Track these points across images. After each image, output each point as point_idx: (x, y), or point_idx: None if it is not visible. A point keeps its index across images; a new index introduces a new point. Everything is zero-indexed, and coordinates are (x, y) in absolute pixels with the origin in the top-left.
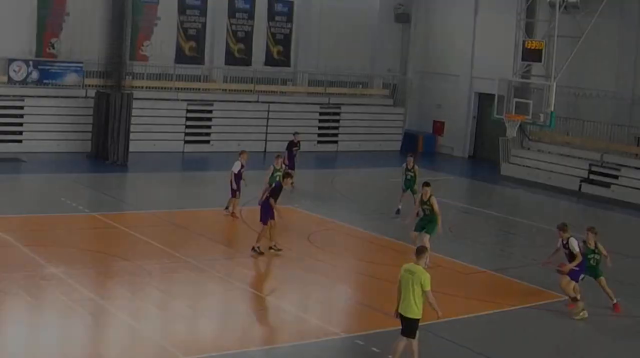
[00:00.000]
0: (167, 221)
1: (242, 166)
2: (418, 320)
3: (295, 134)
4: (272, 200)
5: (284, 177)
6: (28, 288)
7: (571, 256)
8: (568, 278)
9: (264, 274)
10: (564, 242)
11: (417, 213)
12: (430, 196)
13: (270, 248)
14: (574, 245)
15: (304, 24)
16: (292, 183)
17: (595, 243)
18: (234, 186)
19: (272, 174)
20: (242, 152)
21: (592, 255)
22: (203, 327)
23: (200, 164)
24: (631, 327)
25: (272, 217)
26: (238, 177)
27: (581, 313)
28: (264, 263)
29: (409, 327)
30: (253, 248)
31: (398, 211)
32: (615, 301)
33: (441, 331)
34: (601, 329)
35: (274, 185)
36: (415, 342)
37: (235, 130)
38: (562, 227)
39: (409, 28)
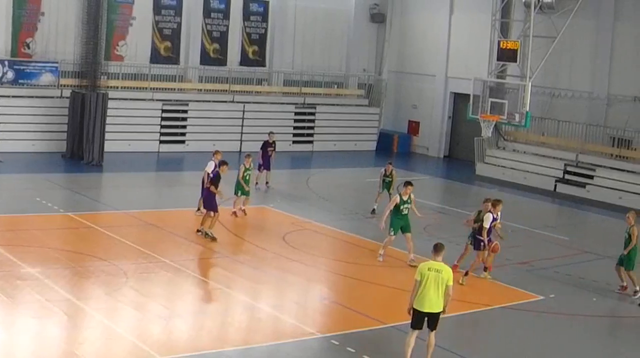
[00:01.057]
0: (142, 221)
1: (216, 165)
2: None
3: (270, 133)
4: (212, 188)
5: (220, 165)
6: (4, 288)
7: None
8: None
9: (240, 274)
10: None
11: (391, 212)
12: (410, 195)
13: (199, 231)
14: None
15: (279, 24)
16: (267, 182)
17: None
18: (209, 186)
19: (243, 173)
20: (216, 152)
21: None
22: (179, 327)
23: (176, 164)
24: (606, 325)
25: (216, 209)
26: (213, 176)
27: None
28: (239, 263)
29: (436, 320)
30: (199, 231)
31: (373, 211)
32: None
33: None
34: (576, 328)
35: (212, 175)
36: (434, 333)
37: (211, 130)
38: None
39: (384, 28)
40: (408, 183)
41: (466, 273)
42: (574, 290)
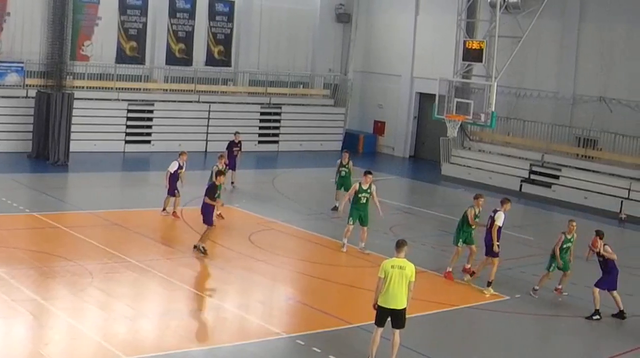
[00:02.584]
0: (108, 221)
1: (180, 166)
2: (406, 309)
3: (236, 133)
4: (206, 199)
5: (217, 175)
6: None
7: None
8: None
9: (205, 274)
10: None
11: (350, 199)
12: (371, 184)
13: (196, 247)
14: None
15: (245, 24)
16: (232, 182)
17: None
18: (167, 184)
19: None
20: (182, 153)
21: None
22: (144, 327)
23: (141, 164)
24: (571, 325)
25: (211, 223)
26: (174, 176)
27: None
28: (205, 263)
29: (402, 317)
30: (196, 247)
31: (335, 208)
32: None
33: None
34: (543, 327)
35: (207, 185)
36: (401, 332)
37: (176, 130)
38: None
39: (349, 28)
40: (368, 172)
41: (489, 284)
42: (540, 291)
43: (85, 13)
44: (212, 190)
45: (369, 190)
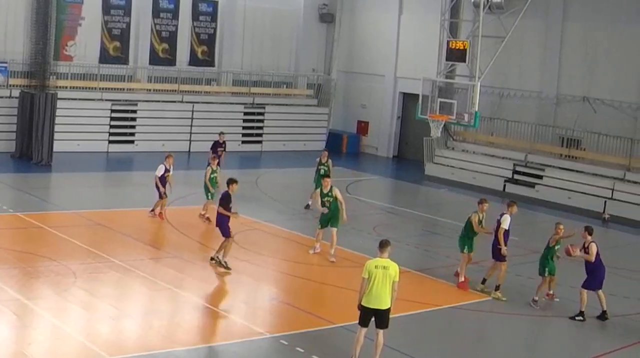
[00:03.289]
0: (91, 221)
1: (167, 169)
2: (390, 309)
3: (220, 134)
4: (220, 209)
5: (229, 184)
6: None
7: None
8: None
9: (189, 274)
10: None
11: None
12: (331, 188)
13: (213, 259)
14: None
15: (229, 24)
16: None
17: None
18: (161, 189)
19: (210, 175)
20: (168, 156)
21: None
22: (128, 327)
23: (125, 164)
24: (556, 325)
25: (229, 234)
26: (162, 180)
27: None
28: (188, 264)
29: (386, 317)
30: (213, 259)
31: (307, 206)
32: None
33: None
34: (527, 327)
35: (220, 196)
36: (385, 332)
37: (160, 130)
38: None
39: (333, 28)
40: (326, 176)
41: (497, 288)
42: (524, 290)
43: (69, 13)
44: (226, 200)
45: (330, 194)
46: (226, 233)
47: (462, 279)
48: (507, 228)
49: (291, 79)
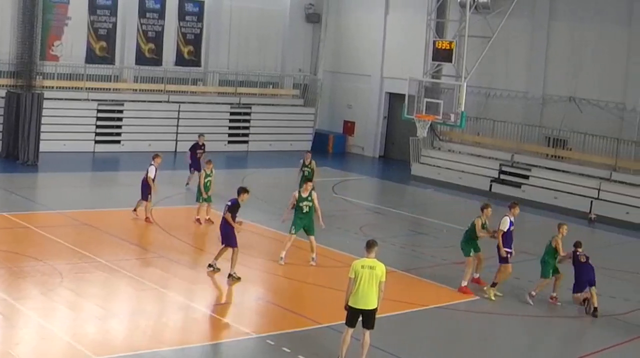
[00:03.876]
0: (78, 221)
1: (157, 170)
2: (376, 309)
3: (200, 135)
4: (227, 216)
5: (239, 193)
6: None
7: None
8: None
9: (175, 274)
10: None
11: (293, 206)
12: (311, 191)
13: (211, 266)
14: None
15: (215, 24)
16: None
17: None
18: (153, 189)
19: (204, 179)
20: (156, 156)
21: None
22: (114, 327)
23: (111, 164)
24: (542, 325)
25: (235, 244)
26: (146, 181)
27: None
28: (175, 264)
29: (372, 317)
30: (230, 275)
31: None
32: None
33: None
34: (512, 328)
35: (229, 203)
36: (371, 333)
37: (146, 130)
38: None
39: (319, 28)
40: (307, 180)
41: (493, 285)
42: (510, 290)
43: (55, 13)
44: (234, 209)
45: (309, 198)
46: (233, 243)
47: (465, 283)
48: (505, 230)
49: (277, 79)
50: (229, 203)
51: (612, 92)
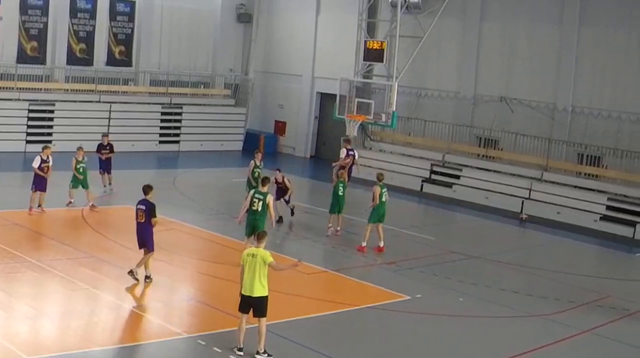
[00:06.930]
0: (8, 221)
1: (44, 161)
2: (266, 297)
3: (103, 135)
4: (155, 220)
5: (147, 191)
6: None
7: None
8: None
9: (106, 274)
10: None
11: (247, 210)
12: (268, 192)
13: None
14: None
15: (146, 24)
16: (109, 184)
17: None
18: (46, 176)
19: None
20: (45, 147)
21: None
22: (45, 327)
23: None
24: (472, 325)
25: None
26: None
27: None
28: (105, 263)
29: (259, 306)
30: (131, 271)
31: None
32: None
33: (282, 331)
34: (442, 327)
35: (144, 206)
36: (264, 321)
37: (77, 130)
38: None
39: (250, 28)
40: (266, 179)
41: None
42: (441, 290)
43: None
44: (155, 210)
45: (264, 195)
46: (152, 246)
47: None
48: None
49: (208, 79)
50: (144, 206)
51: (543, 92)
